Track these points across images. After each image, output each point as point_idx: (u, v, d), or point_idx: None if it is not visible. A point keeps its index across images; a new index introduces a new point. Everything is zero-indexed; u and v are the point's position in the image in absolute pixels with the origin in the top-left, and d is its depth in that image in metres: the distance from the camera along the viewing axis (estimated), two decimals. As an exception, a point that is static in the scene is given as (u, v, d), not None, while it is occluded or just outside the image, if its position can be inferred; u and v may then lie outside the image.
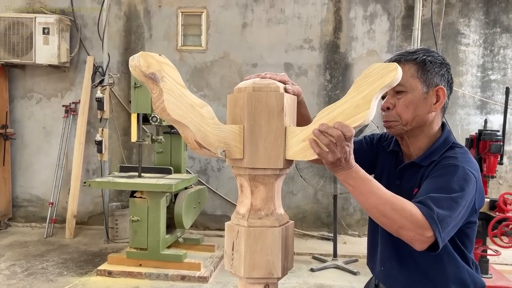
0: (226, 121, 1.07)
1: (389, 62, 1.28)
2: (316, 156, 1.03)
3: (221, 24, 5.64)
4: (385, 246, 1.39)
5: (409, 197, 1.21)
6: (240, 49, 5.63)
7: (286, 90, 1.14)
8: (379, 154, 1.50)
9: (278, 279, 1.08)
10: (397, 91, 1.29)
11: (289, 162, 1.08)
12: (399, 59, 1.31)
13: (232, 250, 1.07)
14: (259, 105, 1.04)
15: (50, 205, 5.63)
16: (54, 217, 5.63)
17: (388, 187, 1.28)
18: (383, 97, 1.37)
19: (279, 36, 5.59)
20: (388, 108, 1.32)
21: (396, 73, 0.99)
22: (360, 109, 1.00)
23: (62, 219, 5.66)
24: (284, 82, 1.13)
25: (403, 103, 1.28)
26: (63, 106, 5.80)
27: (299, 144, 1.05)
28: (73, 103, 5.81)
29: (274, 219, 1.07)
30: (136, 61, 0.93)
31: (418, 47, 1.38)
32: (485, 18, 5.44)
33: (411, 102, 1.28)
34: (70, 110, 5.79)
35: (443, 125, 1.39)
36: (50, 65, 5.55)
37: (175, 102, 0.96)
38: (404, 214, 1.09)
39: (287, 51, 5.59)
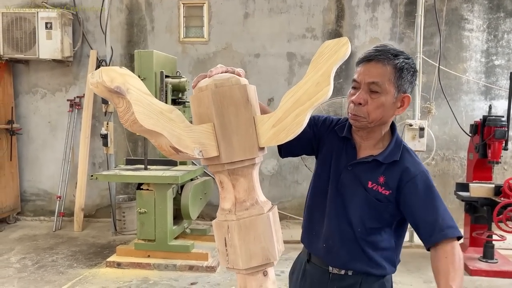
0: (193, 122, 1.08)
1: (373, 53, 1.37)
2: (290, 138, 1.06)
3: (223, 15, 5.63)
4: (329, 226, 1.49)
5: (364, 186, 1.44)
6: (242, 39, 5.62)
7: None
8: (324, 136, 1.56)
9: (275, 262, 1.11)
10: (373, 90, 1.35)
11: (262, 150, 1.11)
12: (383, 58, 1.35)
13: (226, 246, 1.09)
14: (224, 100, 1.05)
15: (58, 198, 5.69)
16: (62, 211, 5.69)
17: (337, 169, 1.49)
18: (353, 87, 1.42)
19: (281, 26, 5.57)
20: (360, 103, 1.37)
21: (347, 47, 1.03)
22: (321, 86, 1.03)
23: (70, 212, 5.72)
24: (238, 75, 1.15)
25: (375, 103, 1.35)
26: (67, 100, 5.84)
27: (270, 130, 1.07)
28: (77, 97, 5.84)
29: (260, 207, 1.09)
30: (98, 77, 0.90)
31: (398, 49, 1.40)
32: (489, 3, 5.39)
33: (382, 104, 1.36)
34: (75, 104, 5.82)
35: (392, 124, 1.50)
36: (53, 60, 5.57)
37: (146, 112, 0.94)
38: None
39: (289, 41, 5.58)
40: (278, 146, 1.53)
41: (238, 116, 1.06)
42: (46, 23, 5.35)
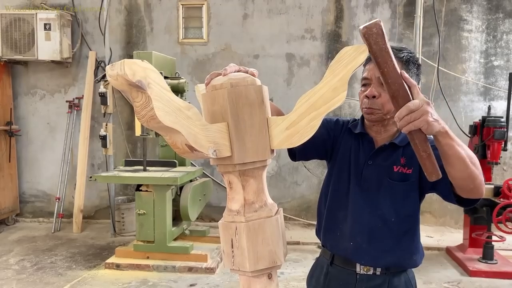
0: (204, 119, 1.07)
1: None
2: (303, 141, 1.04)
3: (222, 16, 5.63)
4: (356, 223, 1.48)
5: (388, 174, 1.45)
6: (242, 40, 5.62)
7: None
8: (339, 137, 1.58)
9: (281, 265, 1.10)
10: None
11: (273, 152, 1.11)
12: None
13: (232, 247, 1.08)
14: (240, 100, 1.03)
15: (57, 200, 5.68)
16: (61, 212, 5.69)
17: (357, 166, 1.51)
18: (364, 85, 1.46)
19: (280, 27, 5.57)
20: (373, 97, 1.41)
21: (365, 54, 1.03)
22: (338, 91, 1.03)
23: (69, 213, 5.71)
24: (253, 75, 1.14)
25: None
26: (66, 101, 5.83)
27: (283, 133, 1.06)
28: (76, 98, 5.83)
29: (269, 209, 1.09)
30: (119, 70, 0.87)
31: (401, 45, 1.46)
32: (488, 3, 5.39)
33: None
34: (74, 106, 5.81)
35: None
36: (52, 61, 5.56)
37: (165, 109, 0.91)
38: (478, 163, 1.23)
39: (288, 42, 5.58)
40: (291, 150, 1.54)
41: (252, 117, 1.05)
42: (45, 24, 5.34)
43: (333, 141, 1.59)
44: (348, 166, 1.53)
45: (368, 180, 1.48)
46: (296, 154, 1.58)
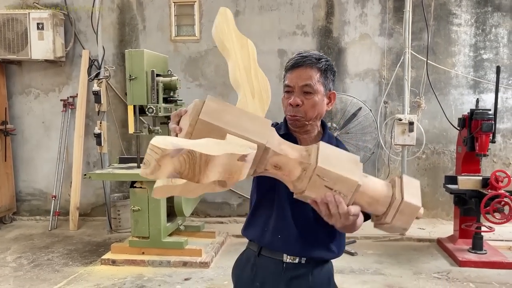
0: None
1: (300, 59, 1.52)
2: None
3: (214, 13, 5.59)
4: (282, 217, 1.59)
5: None
6: (234, 37, 5.65)
7: None
8: None
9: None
10: (306, 91, 1.51)
11: None
12: (310, 63, 1.51)
13: None
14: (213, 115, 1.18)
15: (53, 198, 5.74)
16: (57, 210, 5.74)
17: None
18: (287, 92, 1.56)
19: (272, 23, 5.62)
20: (297, 105, 1.52)
21: None
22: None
23: (65, 211, 5.76)
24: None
25: (311, 103, 1.52)
26: (61, 100, 5.87)
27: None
28: (71, 97, 5.87)
29: None
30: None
31: (320, 54, 1.57)
32: (476, -3, 5.45)
33: (316, 103, 1.53)
34: (68, 104, 5.85)
35: (322, 121, 1.68)
36: (46, 60, 5.60)
37: None
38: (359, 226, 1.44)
39: (280, 38, 5.62)
40: None
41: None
42: (38, 24, 5.37)
43: None
44: None
45: None
46: None
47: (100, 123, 5.25)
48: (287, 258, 1.59)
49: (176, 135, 1.17)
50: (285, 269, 1.59)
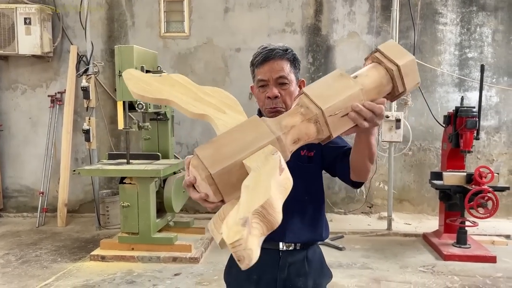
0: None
1: (269, 53, 1.53)
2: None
3: (203, 10, 5.67)
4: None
5: (297, 158, 1.55)
6: (223, 34, 5.68)
7: None
8: None
9: None
10: (281, 83, 1.55)
11: None
12: (279, 55, 1.54)
13: None
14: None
15: (41, 194, 5.70)
16: (45, 206, 5.70)
17: None
18: (262, 86, 1.58)
19: (261, 20, 5.65)
20: (276, 97, 1.55)
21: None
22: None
23: (53, 208, 5.73)
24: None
25: (287, 93, 1.56)
26: (48, 96, 5.83)
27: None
28: (58, 92, 5.83)
29: None
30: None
31: (285, 46, 1.57)
32: (462, -3, 5.56)
33: (292, 92, 1.57)
34: (56, 100, 5.81)
35: None
36: (33, 56, 5.55)
37: None
38: (373, 163, 1.45)
39: (269, 35, 5.65)
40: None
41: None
42: (25, 19, 5.32)
43: None
44: None
45: None
46: None
47: (89, 119, 5.22)
48: (283, 246, 1.62)
49: (205, 201, 1.11)
50: (282, 258, 1.62)
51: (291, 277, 1.62)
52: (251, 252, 0.92)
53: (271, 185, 0.97)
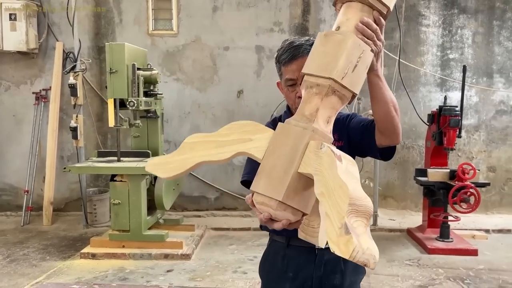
0: None
1: (296, 50, 1.46)
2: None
3: (191, 8, 5.69)
4: None
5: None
6: (212, 32, 5.71)
7: None
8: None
9: None
10: None
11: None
12: (306, 53, 1.38)
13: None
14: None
15: (26, 193, 5.61)
16: (30, 205, 5.61)
17: None
18: (291, 85, 1.51)
19: (250, 19, 5.70)
20: None
21: None
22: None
23: (38, 206, 5.65)
24: None
25: None
26: (33, 93, 5.74)
27: None
28: (43, 90, 5.75)
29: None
30: None
31: (308, 38, 1.53)
32: (444, 0, 5.73)
33: None
34: (41, 97, 5.73)
35: None
36: (18, 52, 5.47)
37: None
38: (398, 111, 1.41)
39: (258, 34, 5.72)
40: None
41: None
42: (10, 15, 5.24)
43: None
44: None
45: None
46: None
47: (77, 116, 5.18)
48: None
49: (291, 223, 1.10)
50: (318, 255, 1.59)
51: (327, 274, 1.60)
52: (370, 251, 0.90)
53: (342, 179, 0.94)
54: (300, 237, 1.11)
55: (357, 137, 1.56)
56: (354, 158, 1.64)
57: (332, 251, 0.90)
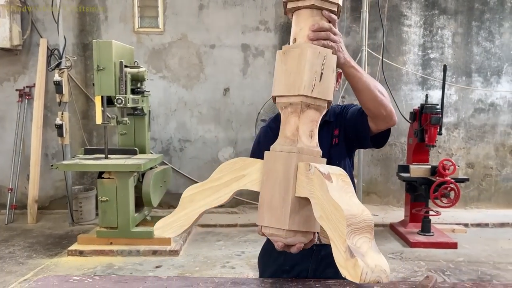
0: None
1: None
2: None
3: (177, 6, 5.71)
4: None
5: (331, 147, 1.60)
6: (198, 30, 5.74)
7: None
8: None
9: None
10: None
11: None
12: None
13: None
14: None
15: (10, 191, 5.55)
16: (14, 203, 5.55)
17: None
18: None
19: (236, 18, 5.75)
20: None
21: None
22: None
23: (22, 205, 5.60)
24: None
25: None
26: (16, 90, 5.67)
27: None
28: (27, 87, 5.69)
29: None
30: None
31: None
32: (425, 1, 5.89)
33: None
34: (25, 94, 5.67)
35: None
36: (1, 49, 5.40)
37: None
38: (385, 93, 1.41)
39: (243, 33, 5.77)
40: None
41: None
42: (-6, 10, 5.17)
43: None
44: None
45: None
46: None
47: (62, 114, 5.15)
48: (317, 240, 1.59)
49: (303, 246, 1.15)
50: (315, 251, 1.62)
51: (322, 268, 1.64)
52: (380, 267, 0.92)
53: (335, 201, 0.96)
54: (324, 242, 1.15)
55: (352, 134, 1.61)
56: (354, 152, 1.67)
57: (343, 276, 0.93)
